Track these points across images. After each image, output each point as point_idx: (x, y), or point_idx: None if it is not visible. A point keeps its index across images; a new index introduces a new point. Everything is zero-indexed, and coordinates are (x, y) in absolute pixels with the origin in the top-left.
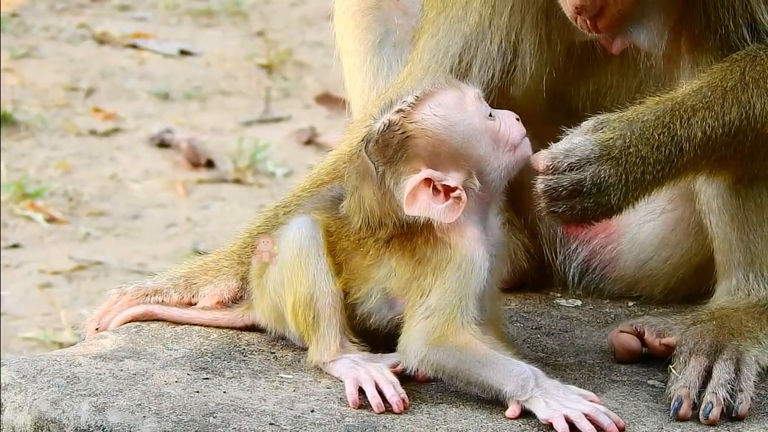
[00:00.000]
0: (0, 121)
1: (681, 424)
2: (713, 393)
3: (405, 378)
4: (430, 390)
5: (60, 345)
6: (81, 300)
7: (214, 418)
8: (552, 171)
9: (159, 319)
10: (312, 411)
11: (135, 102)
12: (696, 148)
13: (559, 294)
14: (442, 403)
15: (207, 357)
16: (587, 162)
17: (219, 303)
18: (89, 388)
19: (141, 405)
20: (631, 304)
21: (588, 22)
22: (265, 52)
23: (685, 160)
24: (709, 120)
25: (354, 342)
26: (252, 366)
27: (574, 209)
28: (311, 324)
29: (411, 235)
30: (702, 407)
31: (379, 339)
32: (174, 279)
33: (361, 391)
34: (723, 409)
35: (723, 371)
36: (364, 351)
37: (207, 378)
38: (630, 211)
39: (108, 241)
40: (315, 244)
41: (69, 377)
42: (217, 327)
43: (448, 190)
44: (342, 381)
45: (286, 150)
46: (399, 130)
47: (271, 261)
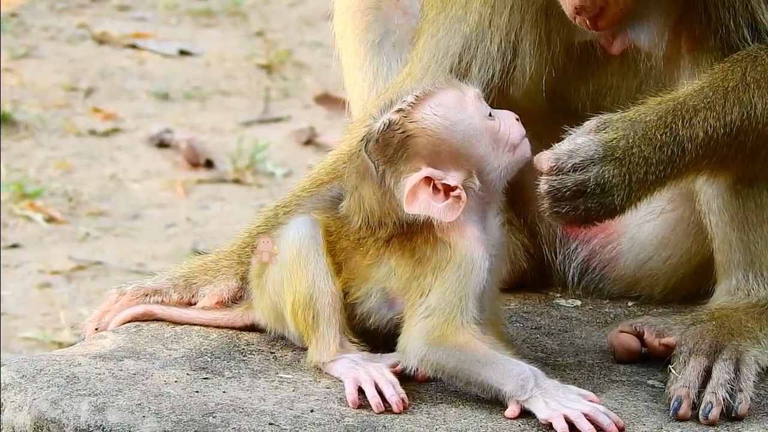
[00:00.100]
0: (0, 121)
1: (680, 424)
2: (713, 393)
3: (404, 378)
4: (429, 390)
5: (59, 345)
6: (80, 300)
7: (213, 417)
8: (555, 172)
9: (158, 319)
10: (311, 411)
11: (135, 102)
12: (698, 148)
13: (559, 294)
14: (441, 403)
15: (206, 357)
16: (591, 162)
17: (219, 303)
18: (89, 387)
19: (140, 405)
20: (631, 304)
21: (588, 21)
22: (265, 52)
23: (687, 160)
24: (711, 120)
25: (353, 342)
26: (251, 366)
27: (577, 210)
28: (311, 324)
29: (411, 235)
30: (701, 407)
31: (379, 339)
32: (173, 279)
33: (361, 391)
34: (722, 409)
35: (722, 371)
36: (363, 351)
37: (206, 378)
38: (631, 212)
39: (108, 241)
40: (315, 243)
41: (68, 377)
42: (217, 327)
43: (448, 189)
44: (341, 381)
45: (285, 150)
46: (399, 129)
47: (271, 261)
